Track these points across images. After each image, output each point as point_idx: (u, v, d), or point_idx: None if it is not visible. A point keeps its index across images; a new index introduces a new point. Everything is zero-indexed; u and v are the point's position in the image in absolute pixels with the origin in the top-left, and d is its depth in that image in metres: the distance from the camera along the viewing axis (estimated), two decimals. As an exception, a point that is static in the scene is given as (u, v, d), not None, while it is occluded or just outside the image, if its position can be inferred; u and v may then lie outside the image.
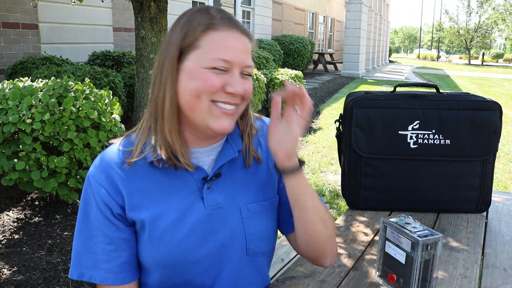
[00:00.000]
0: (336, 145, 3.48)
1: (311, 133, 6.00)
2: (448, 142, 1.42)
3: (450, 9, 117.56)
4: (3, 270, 2.29)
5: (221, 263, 0.92)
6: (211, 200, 0.90)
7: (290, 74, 6.41)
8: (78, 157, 2.74)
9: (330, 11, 20.78)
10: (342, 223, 1.41)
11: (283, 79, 6.18)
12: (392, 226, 0.98)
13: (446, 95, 1.46)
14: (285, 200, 1.01)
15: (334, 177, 4.21)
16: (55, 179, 2.72)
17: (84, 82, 3.03)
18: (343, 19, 18.77)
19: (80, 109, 2.74)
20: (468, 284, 1.05)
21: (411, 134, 1.43)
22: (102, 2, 5.85)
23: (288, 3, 15.04)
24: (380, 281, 1.04)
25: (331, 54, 17.51)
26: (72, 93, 2.79)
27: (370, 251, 1.22)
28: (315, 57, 16.12)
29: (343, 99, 3.95)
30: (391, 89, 1.55)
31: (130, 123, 4.74)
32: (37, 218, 2.88)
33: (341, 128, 1.54)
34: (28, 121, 2.59)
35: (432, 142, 1.42)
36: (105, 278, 0.88)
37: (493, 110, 1.41)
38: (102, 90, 3.06)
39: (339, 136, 1.56)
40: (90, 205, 0.89)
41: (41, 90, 2.80)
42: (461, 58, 49.98)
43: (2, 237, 2.63)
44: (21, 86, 2.80)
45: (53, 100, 2.67)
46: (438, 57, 46.08)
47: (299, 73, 6.64)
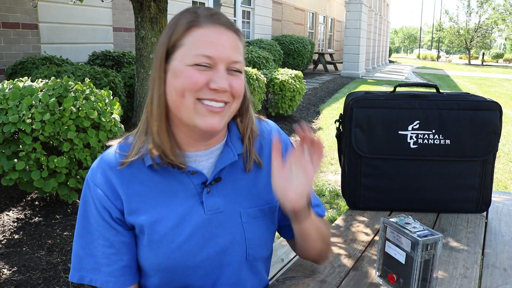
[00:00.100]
0: (336, 145, 3.48)
1: (311, 133, 5.99)
2: (448, 142, 1.42)
3: (450, 9, 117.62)
4: (3, 270, 2.29)
5: (220, 268, 0.91)
6: (211, 204, 0.89)
7: (290, 74, 6.41)
8: (78, 157, 2.75)
9: (330, 11, 20.78)
10: (342, 223, 1.41)
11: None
12: (392, 226, 0.98)
13: (446, 95, 1.46)
14: None
15: (334, 177, 4.21)
16: (55, 179, 2.72)
17: (84, 82, 3.03)
18: (343, 19, 18.77)
19: (80, 109, 2.74)
20: (468, 284, 1.05)
21: (411, 134, 1.43)
22: (102, 2, 5.85)
23: (288, 3, 15.04)
24: (380, 281, 1.04)
25: (331, 54, 17.50)
26: (72, 93, 2.79)
27: (370, 251, 1.22)
28: (315, 57, 16.12)
29: (343, 99, 3.95)
30: (391, 89, 1.55)
31: (130, 123, 4.74)
32: (37, 218, 2.88)
33: (341, 128, 1.54)
34: (28, 121, 2.59)
35: (432, 142, 1.42)
36: (106, 281, 0.88)
37: (493, 110, 1.41)
38: (102, 90, 3.06)
39: (339, 136, 1.56)
40: (89, 208, 0.88)
41: (41, 90, 2.80)
42: (461, 58, 49.97)
43: (2, 237, 2.63)
44: (21, 86, 2.80)
45: (53, 100, 2.67)
46: (438, 57, 46.08)
47: (299, 73, 6.64)
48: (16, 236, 2.65)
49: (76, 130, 2.74)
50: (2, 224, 2.78)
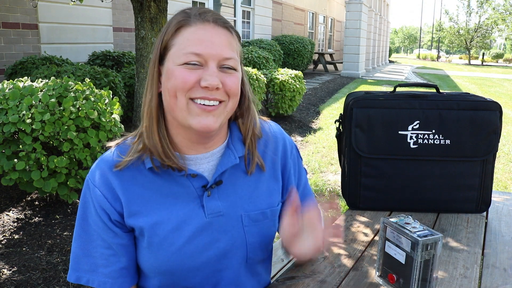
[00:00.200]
0: (336, 145, 3.48)
1: (311, 133, 6.00)
2: (448, 142, 1.42)
3: (450, 9, 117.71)
4: (3, 270, 2.29)
5: (220, 271, 0.91)
6: (212, 208, 0.88)
7: (290, 74, 6.41)
8: (78, 157, 2.74)
9: (330, 11, 20.78)
10: (342, 223, 1.41)
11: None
12: (392, 226, 0.98)
13: (446, 95, 1.46)
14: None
15: (334, 177, 4.21)
16: (55, 179, 2.72)
17: (84, 82, 3.03)
18: (343, 19, 18.77)
19: (80, 109, 2.74)
20: (468, 284, 1.05)
21: (411, 134, 1.43)
22: (102, 2, 5.84)
23: (288, 3, 15.04)
24: (380, 281, 1.04)
25: (331, 54, 17.50)
26: (72, 93, 2.79)
27: (370, 251, 1.22)
28: (315, 57, 16.11)
29: (343, 99, 3.95)
30: (391, 89, 1.55)
31: (130, 123, 4.74)
32: (37, 218, 2.88)
33: (341, 128, 1.54)
34: (28, 121, 2.59)
35: (432, 142, 1.42)
36: (103, 283, 0.87)
37: (493, 110, 1.41)
38: (102, 90, 3.06)
39: (339, 136, 1.56)
40: (88, 209, 0.88)
41: (41, 90, 2.80)
42: (461, 58, 49.97)
43: (2, 237, 2.63)
44: (21, 86, 2.80)
45: (53, 100, 2.67)
46: (438, 57, 46.07)
47: (299, 73, 6.64)
48: (16, 236, 2.65)
49: (76, 130, 2.74)
50: (2, 224, 2.78)
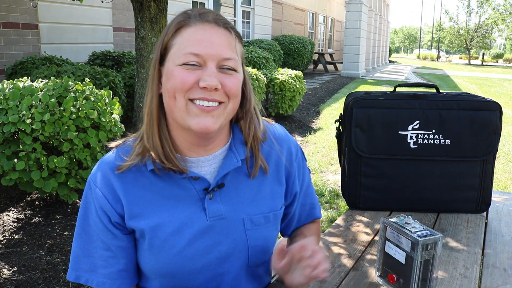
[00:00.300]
0: (336, 145, 3.48)
1: (311, 133, 6.00)
2: (448, 142, 1.42)
3: (450, 9, 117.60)
4: (3, 270, 2.29)
5: (221, 275, 0.91)
6: (213, 211, 0.88)
7: (290, 74, 6.41)
8: (78, 157, 2.74)
9: (330, 11, 20.78)
10: (342, 223, 1.41)
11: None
12: (392, 226, 0.98)
13: (446, 95, 1.46)
14: (289, 211, 1.01)
15: (334, 177, 4.21)
16: (55, 179, 2.72)
17: (84, 82, 3.03)
18: (343, 19, 18.77)
19: (80, 109, 2.74)
20: (468, 284, 1.05)
21: (411, 134, 1.43)
22: (102, 2, 5.84)
23: (288, 3, 15.04)
24: (380, 281, 1.04)
25: (331, 54, 17.50)
26: (72, 93, 2.79)
27: (370, 251, 1.22)
28: (315, 57, 16.11)
29: (343, 99, 3.95)
30: (391, 89, 1.55)
31: (130, 123, 4.74)
32: (37, 218, 2.88)
33: (341, 128, 1.54)
34: (28, 121, 2.59)
35: (432, 142, 1.42)
36: (102, 283, 0.87)
37: (493, 110, 1.41)
38: (102, 90, 3.06)
39: (339, 136, 1.56)
40: (89, 210, 0.88)
41: (41, 90, 2.80)
42: (461, 58, 49.97)
43: (2, 237, 2.63)
44: (21, 86, 2.80)
45: (53, 100, 2.67)
46: (438, 57, 46.07)
47: (299, 73, 6.64)
48: (16, 236, 2.65)
49: (76, 130, 2.74)
50: (2, 224, 2.78)
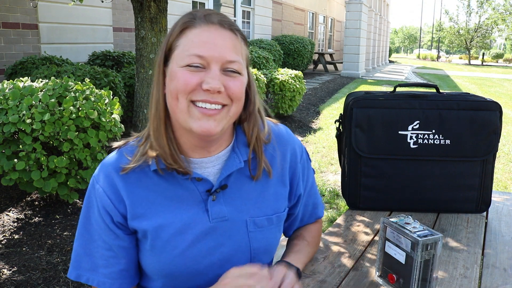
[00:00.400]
0: (336, 145, 3.48)
1: (311, 133, 6.00)
2: (448, 142, 1.42)
3: (450, 9, 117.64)
4: (3, 270, 2.29)
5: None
6: (216, 212, 0.88)
7: (290, 74, 6.41)
8: (78, 157, 2.74)
9: (330, 11, 20.78)
10: (342, 223, 1.41)
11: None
12: (392, 226, 0.98)
13: (446, 95, 1.46)
14: (292, 212, 1.02)
15: (334, 177, 4.21)
16: (55, 179, 2.72)
17: (84, 82, 3.03)
18: (343, 19, 18.77)
19: (80, 109, 2.74)
20: (468, 284, 1.05)
21: (411, 134, 1.43)
22: (102, 2, 5.84)
23: (288, 3, 15.04)
24: (380, 281, 1.04)
25: (331, 54, 17.50)
26: (72, 93, 2.79)
27: (370, 251, 1.22)
28: (315, 57, 16.11)
29: (343, 99, 3.95)
30: (391, 89, 1.55)
31: (130, 123, 4.74)
32: (37, 218, 2.88)
33: (341, 128, 1.54)
34: (28, 121, 2.59)
35: (432, 142, 1.42)
36: (102, 283, 0.87)
37: (493, 110, 1.41)
38: (102, 90, 3.06)
39: (339, 136, 1.56)
40: (92, 209, 0.88)
41: (41, 90, 2.80)
42: (461, 58, 49.97)
43: (2, 237, 2.63)
44: (21, 86, 2.80)
45: (53, 100, 2.67)
46: (438, 57, 46.06)
47: (299, 73, 6.64)
48: (16, 236, 2.65)
49: (76, 130, 2.74)
50: (2, 224, 2.78)
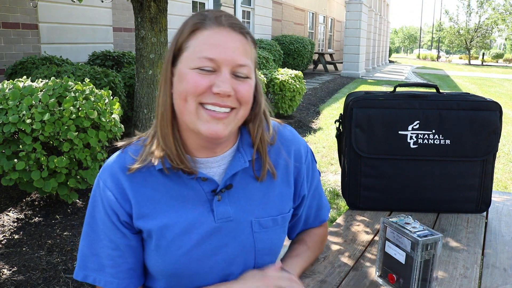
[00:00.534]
0: (336, 145, 3.48)
1: (311, 133, 6.00)
2: (448, 142, 1.42)
3: (450, 9, 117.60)
4: (3, 270, 2.29)
5: (228, 277, 0.90)
6: (221, 213, 0.88)
7: (290, 74, 6.41)
8: (78, 157, 2.74)
9: (330, 11, 20.78)
10: (342, 223, 1.41)
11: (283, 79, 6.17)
12: (392, 226, 0.98)
13: (446, 95, 1.46)
14: (296, 213, 1.02)
15: (334, 177, 4.21)
16: (55, 179, 2.72)
17: (84, 82, 3.03)
18: (343, 19, 18.76)
19: (80, 109, 2.74)
20: (468, 284, 1.05)
21: (411, 134, 1.43)
22: (102, 2, 5.84)
23: (288, 3, 15.04)
24: (380, 281, 1.04)
25: (331, 54, 17.50)
26: (72, 93, 2.79)
27: (370, 251, 1.22)
28: (315, 57, 16.11)
29: (343, 99, 3.95)
30: (391, 89, 1.55)
31: (130, 123, 4.73)
32: (37, 218, 2.88)
33: (341, 128, 1.54)
34: (28, 121, 2.59)
35: (432, 142, 1.42)
36: (109, 283, 0.87)
37: (493, 110, 1.41)
38: (102, 90, 3.06)
39: (339, 136, 1.56)
40: (97, 208, 0.88)
41: (41, 90, 2.80)
42: (461, 58, 49.96)
43: (2, 237, 2.63)
44: (21, 86, 2.80)
45: (53, 100, 2.67)
46: (438, 57, 46.05)
47: (299, 73, 6.64)
48: (16, 236, 2.65)
49: (76, 130, 2.74)
50: (2, 224, 2.78)
